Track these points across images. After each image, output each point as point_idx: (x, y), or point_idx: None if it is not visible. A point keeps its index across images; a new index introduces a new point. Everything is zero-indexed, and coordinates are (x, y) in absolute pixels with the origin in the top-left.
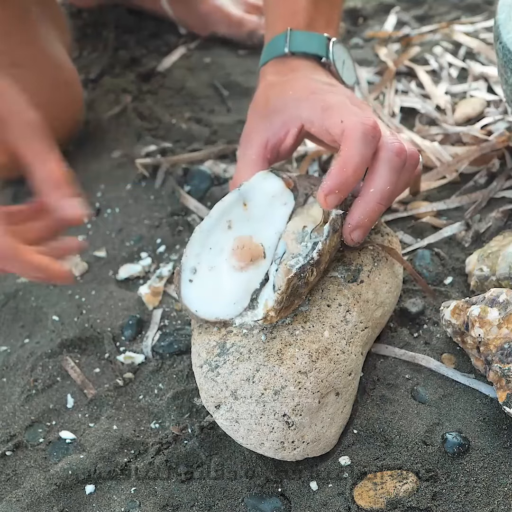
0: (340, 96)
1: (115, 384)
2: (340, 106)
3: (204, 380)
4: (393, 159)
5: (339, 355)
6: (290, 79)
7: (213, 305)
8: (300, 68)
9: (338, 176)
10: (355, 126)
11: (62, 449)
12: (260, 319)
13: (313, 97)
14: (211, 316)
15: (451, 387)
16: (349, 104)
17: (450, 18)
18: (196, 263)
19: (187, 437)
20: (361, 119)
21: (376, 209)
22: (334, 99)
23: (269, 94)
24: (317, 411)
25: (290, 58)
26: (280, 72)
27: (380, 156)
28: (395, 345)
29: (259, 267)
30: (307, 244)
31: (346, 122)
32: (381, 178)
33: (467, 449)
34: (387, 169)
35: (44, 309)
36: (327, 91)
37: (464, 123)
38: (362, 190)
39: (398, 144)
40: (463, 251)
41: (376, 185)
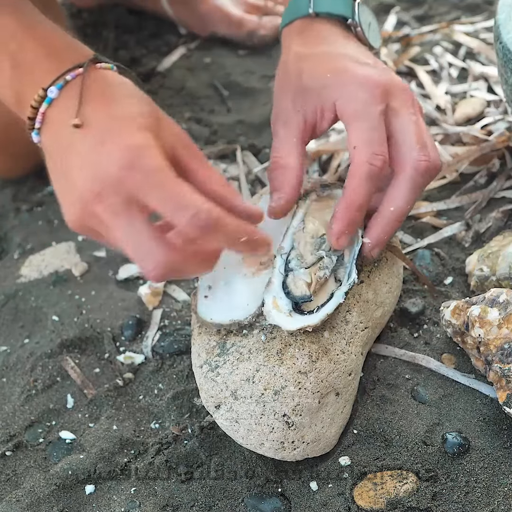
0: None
1: (115, 384)
2: (365, 118)
3: (204, 380)
4: (418, 179)
5: (339, 355)
6: (324, 54)
7: (228, 310)
8: (329, 37)
9: (344, 218)
10: (361, 165)
11: (62, 449)
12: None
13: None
14: (225, 319)
15: (451, 387)
16: (376, 113)
17: (450, 18)
18: (212, 281)
19: (187, 437)
20: (369, 158)
21: (395, 226)
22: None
23: (302, 68)
24: (317, 411)
25: (315, 21)
26: (308, 42)
27: (404, 174)
28: (395, 345)
29: (271, 270)
30: (331, 257)
31: (355, 155)
32: (402, 198)
33: (467, 449)
34: (409, 189)
35: (44, 309)
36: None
37: (464, 123)
38: (381, 206)
39: (425, 164)
40: (463, 251)
41: (397, 203)
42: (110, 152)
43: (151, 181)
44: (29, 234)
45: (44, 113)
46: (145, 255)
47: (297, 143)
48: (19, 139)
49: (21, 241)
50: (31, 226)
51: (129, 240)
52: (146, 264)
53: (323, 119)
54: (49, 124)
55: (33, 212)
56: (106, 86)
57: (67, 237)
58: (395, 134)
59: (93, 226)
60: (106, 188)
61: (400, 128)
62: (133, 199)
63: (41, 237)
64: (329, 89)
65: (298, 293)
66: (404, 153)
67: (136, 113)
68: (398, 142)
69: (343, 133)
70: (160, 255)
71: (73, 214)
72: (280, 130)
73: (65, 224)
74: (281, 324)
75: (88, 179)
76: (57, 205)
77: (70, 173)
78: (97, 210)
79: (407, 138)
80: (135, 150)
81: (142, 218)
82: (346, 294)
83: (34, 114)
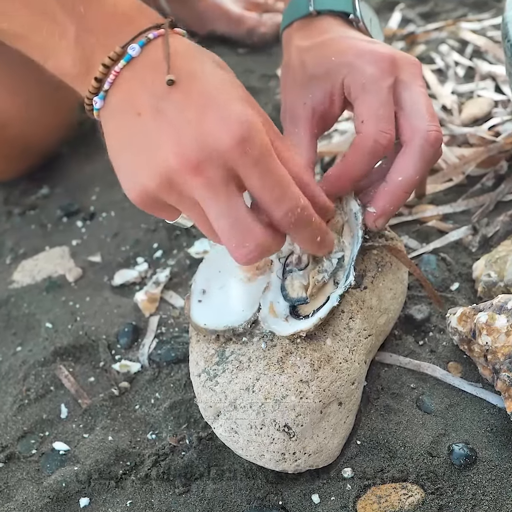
0: (382, 64)
1: (110, 394)
2: (373, 93)
3: (202, 390)
4: (428, 149)
5: (342, 363)
6: (325, 41)
7: (222, 316)
8: (331, 29)
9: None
10: (366, 140)
11: (55, 461)
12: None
13: (355, 64)
14: (220, 325)
15: (458, 397)
16: (385, 88)
17: (456, 16)
18: (206, 285)
19: (184, 448)
20: (375, 134)
21: (402, 197)
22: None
23: (305, 59)
24: (319, 421)
25: (316, 19)
26: (309, 36)
27: (413, 143)
28: (399, 353)
29: (266, 275)
30: (331, 260)
31: (361, 129)
32: (411, 167)
33: (474, 461)
34: (419, 159)
35: (37, 316)
36: (368, 51)
37: (471, 124)
38: (389, 176)
39: (435, 134)
40: (470, 256)
41: (406, 173)
42: (222, 120)
43: (260, 161)
44: (21, 238)
45: (119, 72)
46: (244, 236)
47: (307, 139)
48: (12, 140)
49: (13, 245)
50: (23, 230)
51: (226, 213)
52: (241, 240)
53: (332, 104)
54: (125, 84)
55: (26, 216)
56: (193, 52)
57: (61, 242)
58: (404, 106)
59: (170, 202)
60: (210, 160)
61: (410, 100)
62: (234, 175)
63: (34, 242)
64: (335, 71)
65: (294, 295)
66: (414, 124)
67: (235, 84)
68: (407, 113)
69: (346, 134)
70: (258, 233)
71: (146, 186)
72: (289, 127)
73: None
74: (276, 330)
75: (187, 147)
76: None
77: (158, 137)
78: (191, 182)
79: (417, 109)
80: (249, 124)
81: (240, 195)
82: (341, 297)
83: (103, 74)
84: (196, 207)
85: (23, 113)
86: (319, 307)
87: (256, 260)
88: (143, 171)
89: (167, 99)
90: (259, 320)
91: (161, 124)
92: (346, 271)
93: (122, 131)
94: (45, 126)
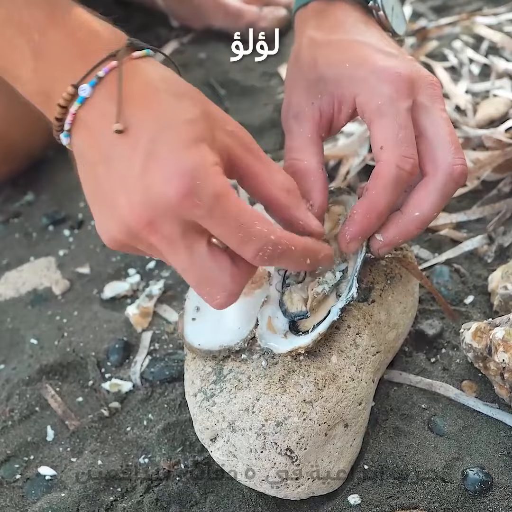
0: (398, 84)
1: (100, 415)
2: (391, 116)
3: (198, 410)
4: (451, 185)
5: (348, 382)
6: (340, 41)
7: (217, 335)
8: (348, 22)
9: (362, 223)
10: (389, 167)
11: (41, 487)
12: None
13: (370, 82)
14: (215, 345)
15: (472, 418)
16: (403, 110)
17: (471, 9)
18: (200, 302)
19: (179, 473)
20: (398, 160)
21: (414, 233)
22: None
23: (316, 56)
24: (324, 444)
25: (333, 4)
26: (323, 26)
27: (436, 178)
28: (410, 372)
29: (263, 289)
30: (334, 272)
31: (382, 156)
32: (430, 204)
33: (490, 487)
34: (440, 195)
35: (21, 331)
36: (385, 68)
37: (486, 126)
38: (405, 208)
39: (461, 168)
40: (486, 267)
41: (423, 209)
42: (164, 174)
43: (213, 210)
44: (4, 248)
45: (75, 114)
46: (210, 284)
47: (313, 140)
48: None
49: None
50: (7, 239)
51: (189, 267)
52: (211, 293)
53: (340, 113)
54: (83, 127)
55: (9, 224)
56: (147, 83)
57: (47, 252)
58: (424, 133)
59: (140, 248)
60: (161, 216)
61: (431, 127)
62: (192, 226)
63: (18, 252)
64: (348, 82)
65: (294, 310)
66: (438, 155)
67: (187, 119)
68: (429, 142)
69: (353, 136)
70: (227, 283)
71: (115, 236)
72: (293, 126)
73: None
74: (273, 347)
75: (137, 204)
76: (35, 216)
77: (112, 190)
78: (150, 239)
79: (440, 139)
80: (193, 172)
81: (204, 242)
82: (342, 310)
83: (62, 114)
84: None
85: (5, 111)
86: (319, 321)
87: (233, 302)
88: (109, 221)
89: (115, 149)
90: (256, 337)
91: (112, 175)
92: (348, 283)
93: (87, 177)
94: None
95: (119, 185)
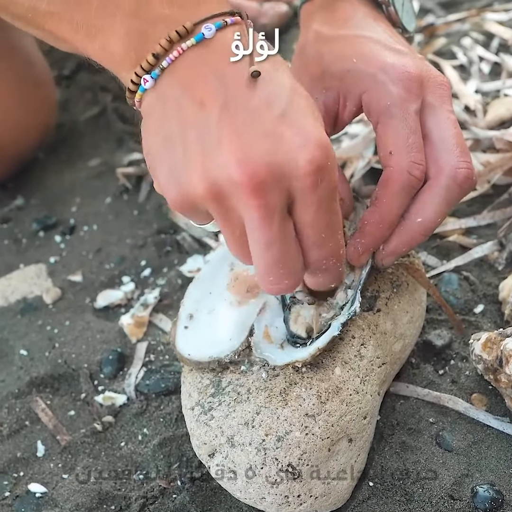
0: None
1: (93, 429)
2: (401, 118)
3: (196, 425)
4: (455, 190)
5: (353, 395)
6: (347, 36)
7: (207, 345)
8: (356, 17)
9: (374, 234)
10: (400, 174)
11: (31, 505)
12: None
13: (378, 80)
14: (205, 357)
15: (482, 433)
16: (412, 112)
17: (481, 5)
18: (194, 309)
19: (176, 490)
20: (409, 167)
21: (418, 240)
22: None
23: (322, 51)
24: (327, 460)
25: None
26: (331, 20)
27: (439, 182)
28: (417, 384)
29: (258, 298)
30: (346, 291)
31: (391, 161)
32: (433, 209)
33: (501, 504)
34: (443, 200)
35: (11, 342)
36: (394, 65)
37: (497, 127)
38: (407, 214)
39: (465, 172)
40: (496, 275)
41: (426, 215)
42: (298, 138)
43: (324, 200)
44: None
45: (184, 51)
46: (287, 266)
47: None
48: None
49: None
50: None
51: (277, 242)
52: (282, 275)
53: (345, 109)
54: (189, 66)
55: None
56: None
57: (37, 259)
58: (430, 134)
59: (211, 211)
60: (277, 181)
61: (437, 129)
62: (287, 205)
63: (7, 259)
64: (355, 77)
65: (294, 330)
66: (441, 158)
67: (309, 97)
68: (434, 144)
69: (357, 138)
70: (299, 271)
71: (193, 190)
72: None
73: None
74: (269, 358)
75: (254, 157)
76: (25, 222)
77: (215, 136)
78: (247, 201)
79: (445, 140)
80: (326, 151)
81: (292, 226)
82: (344, 325)
83: (164, 50)
84: (239, 227)
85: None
86: (319, 334)
87: (291, 292)
88: (192, 172)
89: (242, 97)
90: (251, 346)
91: (229, 122)
92: (351, 296)
93: (173, 119)
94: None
95: (236, 134)
